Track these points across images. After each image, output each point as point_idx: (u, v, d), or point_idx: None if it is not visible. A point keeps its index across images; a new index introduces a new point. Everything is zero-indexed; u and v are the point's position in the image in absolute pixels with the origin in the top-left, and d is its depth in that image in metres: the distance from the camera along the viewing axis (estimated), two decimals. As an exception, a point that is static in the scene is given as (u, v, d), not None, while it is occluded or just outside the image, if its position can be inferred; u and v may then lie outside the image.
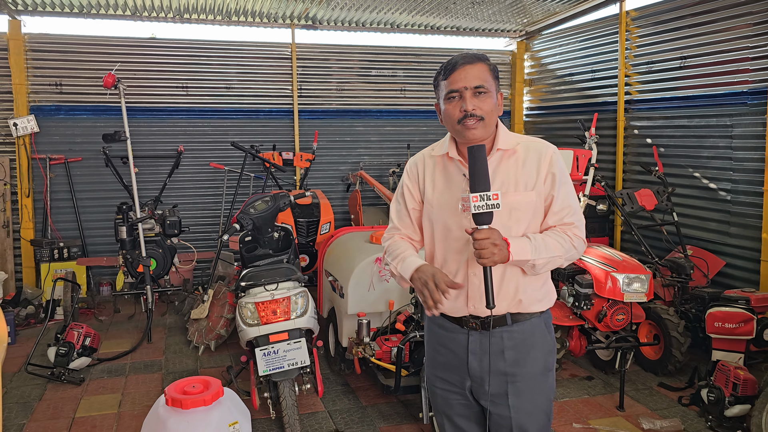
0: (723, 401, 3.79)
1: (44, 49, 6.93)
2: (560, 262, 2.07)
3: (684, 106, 5.75)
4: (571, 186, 2.13)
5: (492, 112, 2.03)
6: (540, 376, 2.13)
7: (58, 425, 3.90)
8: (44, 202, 6.85)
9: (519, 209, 2.04)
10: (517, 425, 2.10)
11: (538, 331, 2.13)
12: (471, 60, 2.04)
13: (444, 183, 2.14)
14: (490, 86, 2.03)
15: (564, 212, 2.09)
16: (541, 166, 2.06)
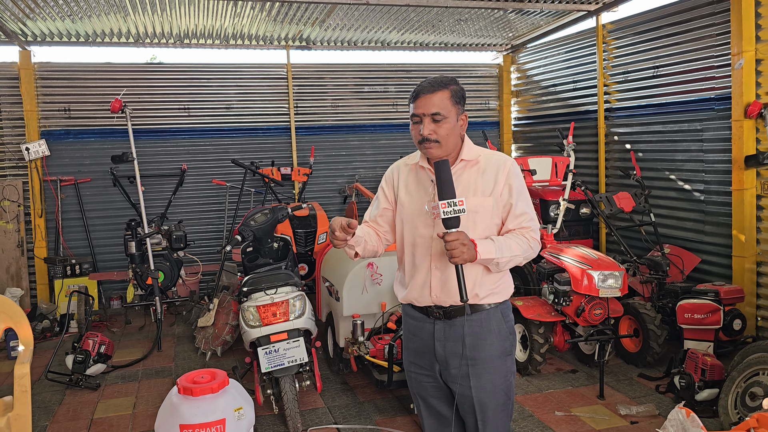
0: (693, 386, 4.09)
1: (53, 76, 7.31)
2: (519, 261, 2.38)
3: (658, 113, 6.08)
4: (528, 195, 2.45)
5: (448, 136, 2.33)
6: (497, 360, 2.41)
7: (78, 425, 4.22)
8: (56, 222, 7.20)
9: (477, 212, 2.34)
10: (478, 402, 2.40)
11: (495, 319, 2.42)
12: (432, 89, 2.31)
13: (415, 188, 2.46)
14: (448, 112, 2.31)
15: (522, 218, 2.40)
16: (499, 176, 2.37)
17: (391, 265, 4.55)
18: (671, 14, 5.81)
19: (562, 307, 4.65)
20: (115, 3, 6.00)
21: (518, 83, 8.71)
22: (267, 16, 6.76)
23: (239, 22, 6.95)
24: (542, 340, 4.69)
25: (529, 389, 4.61)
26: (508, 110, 8.83)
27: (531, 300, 4.90)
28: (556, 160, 5.45)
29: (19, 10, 6.06)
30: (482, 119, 8.78)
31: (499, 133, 8.87)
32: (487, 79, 8.83)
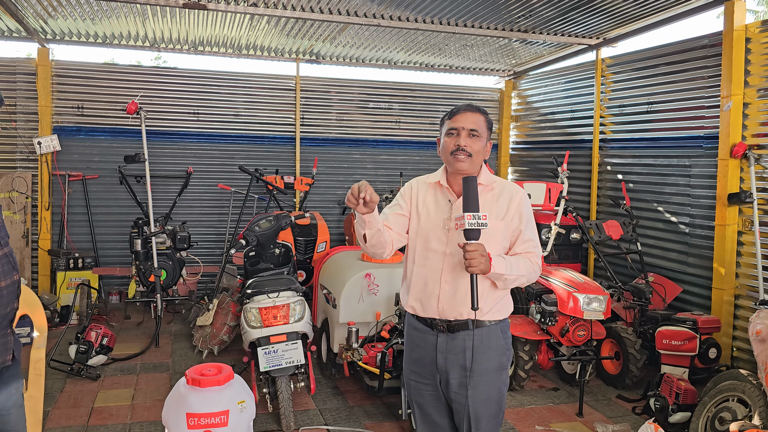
0: (667, 409, 4.31)
1: (68, 74, 7.53)
2: (524, 281, 2.59)
3: (650, 146, 6.35)
4: (534, 223, 2.67)
5: (479, 153, 2.54)
6: (494, 373, 2.60)
7: (79, 413, 4.40)
8: (62, 215, 7.39)
9: (490, 234, 2.50)
10: (473, 412, 2.57)
11: (494, 335, 2.60)
12: (472, 110, 2.58)
13: (433, 205, 2.64)
14: (482, 133, 2.55)
15: (529, 244, 2.60)
16: (511, 203, 2.59)
17: (388, 277, 4.77)
18: (667, 54, 6.10)
19: (548, 326, 4.87)
20: (136, 8, 6.23)
21: (518, 108, 8.99)
22: (281, 31, 7.02)
23: (253, 34, 7.21)
24: (527, 357, 4.90)
25: (512, 404, 4.81)
26: (507, 134, 9.10)
27: (519, 318, 5.12)
28: (549, 186, 5.70)
29: (41, 8, 6.29)
30: (481, 141, 9.02)
31: (496, 156, 9.13)
32: (488, 102, 9.11)
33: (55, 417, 4.32)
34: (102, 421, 4.27)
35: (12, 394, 2.40)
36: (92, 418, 4.32)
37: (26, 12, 6.42)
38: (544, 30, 6.77)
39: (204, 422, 2.96)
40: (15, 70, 7.34)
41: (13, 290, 2.26)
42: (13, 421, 2.42)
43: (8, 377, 2.37)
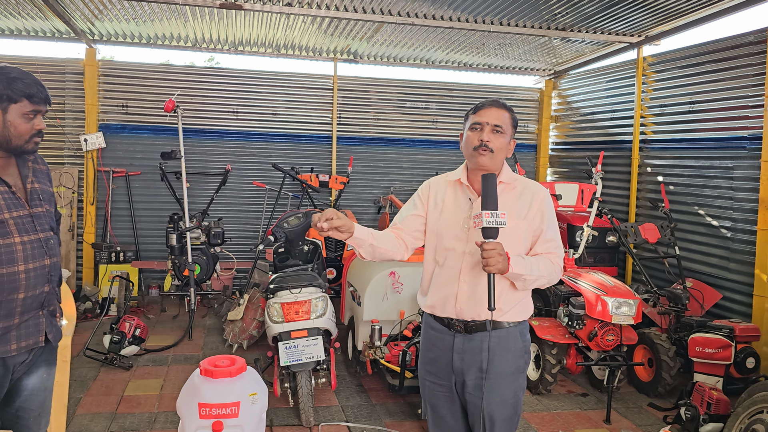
0: (698, 419, 4.16)
1: (114, 74, 7.79)
2: (544, 282, 2.52)
3: (692, 147, 6.14)
4: (556, 223, 2.60)
5: (501, 149, 2.48)
6: (511, 376, 2.54)
7: (109, 400, 4.54)
8: (105, 210, 7.65)
9: (511, 233, 2.45)
10: (488, 415, 2.52)
11: (513, 338, 2.55)
12: (498, 105, 2.52)
13: (453, 203, 2.58)
14: (506, 129, 2.49)
15: (550, 244, 2.54)
16: (533, 202, 2.52)
17: (412, 276, 4.76)
18: (710, 52, 5.88)
19: (576, 330, 4.76)
20: (177, 10, 6.40)
21: (558, 108, 8.82)
22: (318, 29, 7.08)
23: (291, 34, 7.30)
24: (554, 360, 4.81)
25: (538, 408, 4.73)
26: (547, 134, 8.94)
27: (547, 321, 5.02)
28: (582, 187, 5.58)
29: (89, 11, 6.52)
30: (520, 141, 8.92)
31: (535, 156, 8.99)
32: (527, 102, 8.98)
33: (86, 404, 4.47)
34: (130, 410, 4.40)
35: (43, 378, 2.51)
36: (121, 406, 4.45)
37: (74, 14, 6.67)
38: (584, 28, 6.62)
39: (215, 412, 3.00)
40: (64, 70, 7.64)
41: (43, 273, 2.35)
42: (39, 402, 2.52)
43: (41, 361, 2.49)
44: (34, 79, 2.33)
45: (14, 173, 2.39)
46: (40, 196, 2.43)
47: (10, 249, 2.26)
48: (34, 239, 2.34)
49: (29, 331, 2.35)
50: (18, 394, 2.44)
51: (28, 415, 2.48)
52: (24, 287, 2.30)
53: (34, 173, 2.47)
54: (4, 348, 2.27)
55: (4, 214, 2.26)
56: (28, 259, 2.31)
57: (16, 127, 2.28)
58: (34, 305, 2.36)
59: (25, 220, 2.33)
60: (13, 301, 2.28)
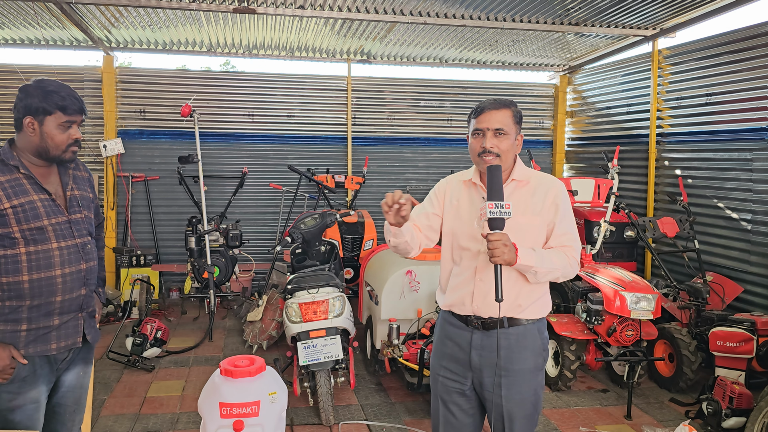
0: (720, 413, 4.12)
1: (132, 80, 7.90)
2: (557, 275, 2.49)
3: (709, 140, 6.07)
4: (572, 217, 2.58)
5: (508, 151, 2.47)
6: (529, 374, 2.53)
7: (132, 402, 4.61)
8: (126, 215, 7.76)
9: (524, 230, 2.46)
10: (507, 412, 2.51)
11: (531, 335, 2.54)
12: (497, 106, 2.48)
13: (467, 203, 2.57)
14: (510, 129, 2.46)
15: (564, 237, 2.52)
16: (547, 196, 2.51)
17: (429, 274, 4.77)
18: (727, 42, 5.82)
19: (595, 326, 4.74)
20: (192, 16, 6.47)
21: (573, 104, 8.77)
22: (330, 31, 7.12)
23: (304, 36, 7.34)
24: (573, 357, 4.79)
25: (558, 404, 4.71)
26: (562, 130, 8.89)
27: (566, 317, 5.01)
28: (599, 182, 5.54)
29: (105, 19, 6.62)
30: (536, 138, 8.89)
31: (551, 153, 8.95)
32: (542, 98, 8.94)
33: (110, 405, 4.55)
34: (152, 410, 4.47)
35: (79, 376, 2.64)
36: (144, 407, 4.52)
37: (91, 23, 6.77)
38: (598, 22, 6.58)
39: (236, 411, 3.04)
40: (83, 78, 7.77)
41: (79, 278, 2.48)
42: (75, 398, 2.65)
43: (79, 359, 2.62)
44: (70, 92, 2.43)
45: (55, 181, 2.50)
46: (79, 203, 2.55)
47: (48, 254, 2.39)
48: (71, 244, 2.47)
49: (68, 332, 2.47)
50: (56, 390, 2.57)
51: (64, 410, 2.60)
52: (61, 291, 2.43)
53: (75, 180, 2.57)
54: (45, 347, 2.41)
55: (44, 221, 2.39)
56: (65, 264, 2.43)
57: (52, 137, 2.39)
58: (72, 307, 2.49)
59: (63, 226, 2.45)
60: (52, 304, 2.41)
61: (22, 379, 2.37)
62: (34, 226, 2.37)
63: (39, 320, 2.40)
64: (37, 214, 2.38)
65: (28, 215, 2.35)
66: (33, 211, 2.37)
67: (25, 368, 2.38)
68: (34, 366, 2.41)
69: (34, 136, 2.39)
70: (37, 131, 2.38)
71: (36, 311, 2.39)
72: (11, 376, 2.35)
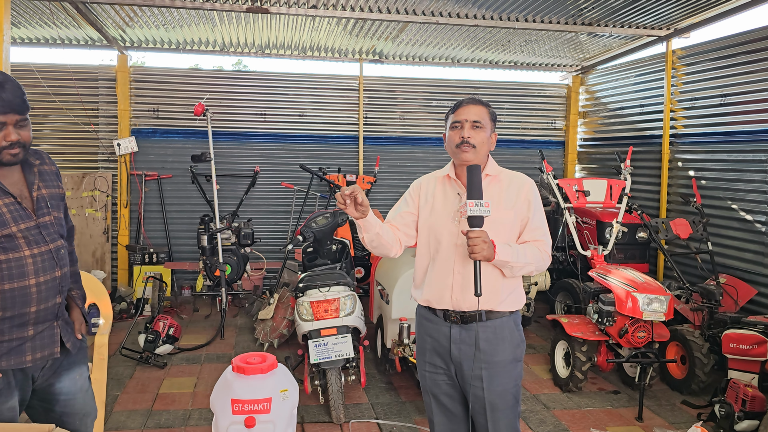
0: (733, 416, 4.09)
1: (145, 79, 7.96)
2: (531, 269, 2.58)
3: (724, 141, 6.03)
4: (543, 213, 2.68)
5: (483, 143, 2.59)
6: (509, 365, 2.62)
7: (145, 398, 4.65)
8: (139, 213, 7.82)
9: (500, 223, 2.56)
10: (489, 404, 2.59)
11: (508, 327, 2.63)
12: (474, 102, 2.63)
13: (442, 199, 2.69)
14: (486, 124, 2.60)
15: (537, 232, 2.63)
16: (520, 192, 2.62)
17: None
18: (742, 43, 5.77)
19: (606, 327, 4.72)
20: (205, 15, 6.52)
21: (586, 104, 8.74)
22: (343, 31, 7.14)
23: (316, 36, 7.37)
24: (584, 357, 4.78)
25: (568, 405, 4.70)
26: (575, 131, 8.86)
27: (577, 318, 4.99)
28: (611, 183, 5.52)
29: (120, 19, 6.68)
30: (547, 138, 8.86)
31: (563, 153, 8.92)
32: (554, 98, 8.91)
33: (123, 401, 4.59)
34: (165, 407, 4.51)
35: (76, 380, 2.53)
36: (156, 403, 4.56)
37: (106, 22, 6.83)
38: (611, 22, 6.55)
39: (248, 408, 3.06)
40: (97, 77, 7.83)
41: (54, 286, 2.32)
42: (80, 404, 2.55)
43: (69, 363, 2.49)
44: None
45: (19, 180, 2.29)
46: (48, 203, 2.35)
47: (20, 263, 2.21)
48: (44, 251, 2.29)
49: (44, 342, 2.33)
50: (56, 400, 2.45)
51: (72, 419, 2.51)
52: (36, 300, 2.26)
53: (41, 177, 2.37)
54: (20, 359, 2.26)
55: (11, 228, 2.19)
56: (39, 273, 2.26)
57: None
58: (48, 317, 2.34)
59: (33, 231, 2.26)
60: (26, 315, 2.26)
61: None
62: (1, 234, 2.17)
63: (12, 331, 2.22)
64: (3, 220, 2.17)
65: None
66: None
67: (1, 381, 2.22)
68: (8, 378, 2.25)
69: None
70: None
71: (9, 323, 2.22)
72: None
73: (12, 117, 2.16)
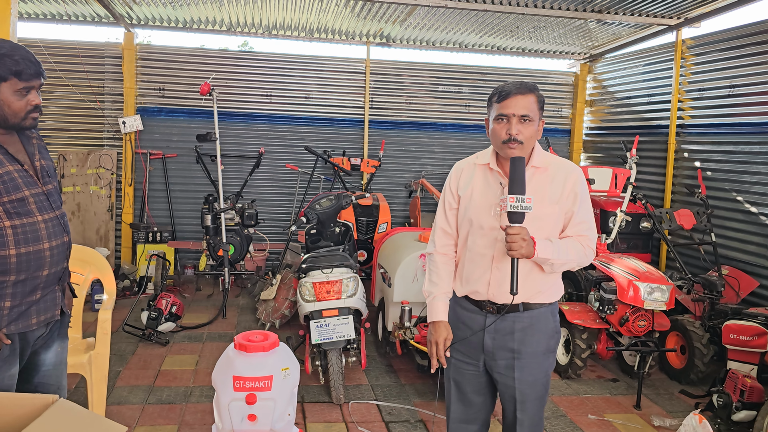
0: (731, 406, 4.11)
1: (152, 57, 7.93)
2: (573, 266, 2.50)
3: (731, 132, 6.00)
4: (590, 205, 2.56)
5: (531, 138, 2.41)
6: (542, 356, 2.55)
7: (147, 374, 4.69)
8: (143, 191, 7.84)
9: (542, 219, 2.42)
10: (520, 393, 2.54)
11: (544, 318, 2.55)
12: (523, 91, 2.39)
13: (482, 188, 2.52)
14: (534, 116, 2.39)
15: (582, 226, 2.51)
16: (566, 183, 2.47)
17: (442, 258, 4.77)
18: (753, 34, 5.73)
19: (607, 315, 4.74)
20: (212, -6, 6.48)
21: (593, 93, 8.69)
22: (350, 13, 7.09)
23: (324, 17, 7.32)
24: (584, 345, 4.80)
25: (567, 392, 4.73)
26: (581, 119, 8.82)
27: (578, 306, 5.01)
28: (617, 172, 5.51)
29: (127, -4, 6.66)
30: (554, 126, 8.83)
31: (569, 141, 8.89)
32: (562, 86, 8.86)
33: (125, 377, 4.63)
34: (166, 383, 4.55)
35: (58, 353, 2.56)
36: (158, 380, 4.60)
37: (113, -2, 6.81)
38: (621, 10, 6.49)
39: (249, 385, 3.09)
40: (103, 54, 7.82)
41: (63, 251, 2.41)
42: (55, 377, 2.57)
43: (56, 335, 2.53)
44: (24, 53, 2.24)
45: (21, 150, 2.36)
46: (48, 173, 2.42)
47: (34, 227, 2.29)
48: (52, 216, 2.37)
49: (47, 305, 2.39)
50: (36, 370, 2.48)
51: (48, 390, 2.51)
52: (48, 264, 2.34)
53: (39, 150, 2.44)
54: (26, 323, 2.32)
55: (24, 192, 2.27)
56: (51, 237, 2.34)
57: (9, 105, 2.23)
58: (54, 281, 2.41)
59: (41, 197, 2.34)
60: (38, 278, 2.33)
61: (3, 359, 2.27)
62: (15, 197, 2.24)
63: (24, 296, 2.30)
64: (16, 185, 2.25)
65: (8, 186, 2.22)
66: (12, 182, 2.24)
67: (7, 348, 2.28)
68: (14, 344, 2.32)
69: None
70: None
71: (21, 286, 2.28)
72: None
73: (37, 82, 2.28)
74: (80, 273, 3.78)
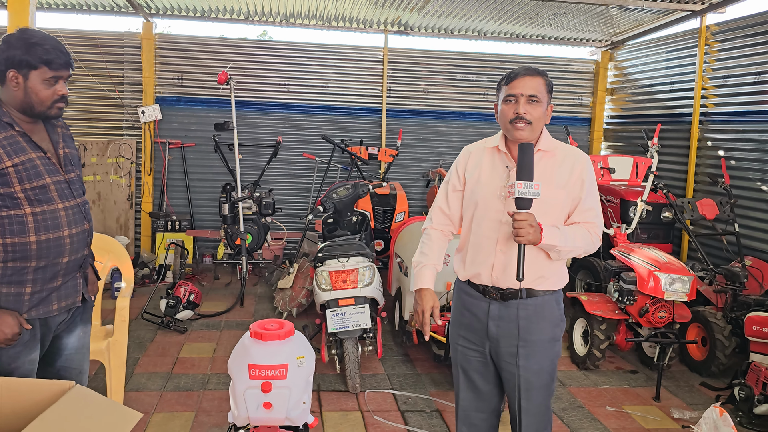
0: (752, 399, 4.04)
1: (170, 47, 7.96)
2: (579, 252, 2.49)
3: (756, 120, 5.87)
4: (597, 192, 2.55)
5: (539, 119, 2.42)
6: (547, 344, 2.54)
7: (165, 361, 4.74)
8: (162, 181, 7.89)
9: (548, 203, 2.42)
10: (525, 381, 2.52)
11: (548, 306, 2.53)
12: (531, 73, 2.43)
13: (489, 171, 2.53)
14: (542, 98, 2.41)
15: (589, 213, 2.49)
16: (574, 169, 2.47)
17: (459, 248, 4.74)
18: (780, 19, 5.59)
19: (626, 306, 4.68)
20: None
21: (615, 81, 8.55)
22: (368, 0, 7.04)
23: (342, 5, 7.28)
24: (603, 336, 4.74)
25: (585, 383, 4.69)
26: (602, 108, 8.69)
27: (597, 296, 4.95)
28: (637, 161, 5.42)
29: (145, -15, 6.67)
30: (573, 115, 8.71)
31: (589, 131, 8.77)
32: (582, 74, 8.74)
33: (144, 363, 4.68)
34: (184, 370, 4.59)
35: (80, 337, 2.60)
36: (176, 367, 4.65)
37: (132, -13, 6.83)
38: (644, -5, 6.38)
39: (264, 373, 3.09)
40: (123, 44, 7.86)
41: (83, 238, 2.44)
42: (78, 361, 2.61)
43: (78, 320, 2.57)
44: (55, 43, 2.29)
45: (45, 138, 2.40)
46: (71, 161, 2.47)
47: (55, 215, 2.32)
48: (73, 204, 2.40)
49: (68, 291, 2.43)
50: (59, 354, 2.52)
51: (70, 374, 2.55)
52: (68, 251, 2.37)
53: (64, 138, 2.49)
54: (47, 308, 2.36)
55: (46, 179, 2.30)
56: (71, 225, 2.37)
57: (37, 93, 2.27)
58: (75, 268, 2.45)
59: (63, 185, 2.37)
60: (58, 265, 2.36)
61: (24, 344, 2.31)
62: (36, 185, 2.27)
63: (45, 282, 2.34)
64: (38, 172, 2.28)
65: (30, 174, 2.26)
66: (34, 169, 2.27)
67: (28, 332, 2.32)
68: (35, 329, 2.35)
69: (18, 91, 2.26)
70: (21, 86, 2.25)
71: (42, 273, 2.32)
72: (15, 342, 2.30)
73: (66, 72, 2.33)
74: (99, 261, 3.81)
